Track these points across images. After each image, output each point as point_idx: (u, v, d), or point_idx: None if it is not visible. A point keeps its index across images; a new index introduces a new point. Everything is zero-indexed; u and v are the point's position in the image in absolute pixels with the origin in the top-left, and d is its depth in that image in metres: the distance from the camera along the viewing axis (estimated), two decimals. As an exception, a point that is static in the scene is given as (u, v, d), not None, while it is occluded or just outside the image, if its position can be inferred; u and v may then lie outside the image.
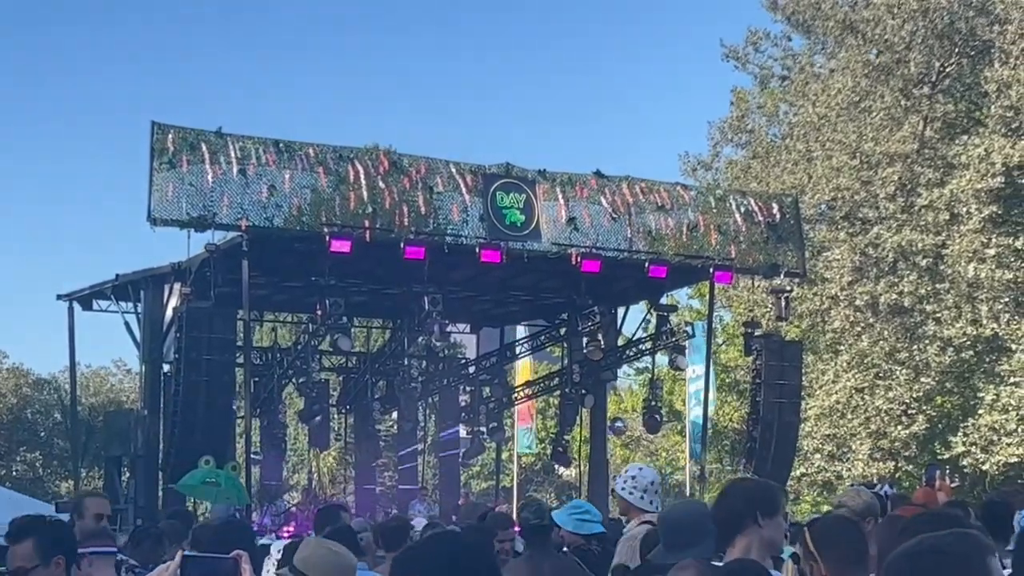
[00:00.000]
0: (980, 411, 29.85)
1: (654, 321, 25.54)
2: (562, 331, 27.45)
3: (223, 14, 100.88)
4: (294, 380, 28.05)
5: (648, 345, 26.31)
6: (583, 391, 25.61)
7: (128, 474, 23.42)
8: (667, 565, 4.93)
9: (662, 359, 27.47)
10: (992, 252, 28.75)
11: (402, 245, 19.55)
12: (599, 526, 8.13)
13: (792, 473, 27.00)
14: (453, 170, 20.49)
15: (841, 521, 5.25)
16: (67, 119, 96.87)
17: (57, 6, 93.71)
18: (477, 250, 20.24)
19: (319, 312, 20.75)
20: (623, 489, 7.15)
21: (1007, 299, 29.35)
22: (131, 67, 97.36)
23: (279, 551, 6.34)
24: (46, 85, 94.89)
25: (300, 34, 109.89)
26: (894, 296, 29.82)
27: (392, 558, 6.99)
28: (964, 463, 30.07)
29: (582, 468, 30.12)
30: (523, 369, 33.81)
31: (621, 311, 27.23)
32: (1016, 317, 29.45)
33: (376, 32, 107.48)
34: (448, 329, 23.97)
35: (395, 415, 31.26)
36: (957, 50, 31.43)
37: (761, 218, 23.06)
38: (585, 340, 23.16)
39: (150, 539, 9.00)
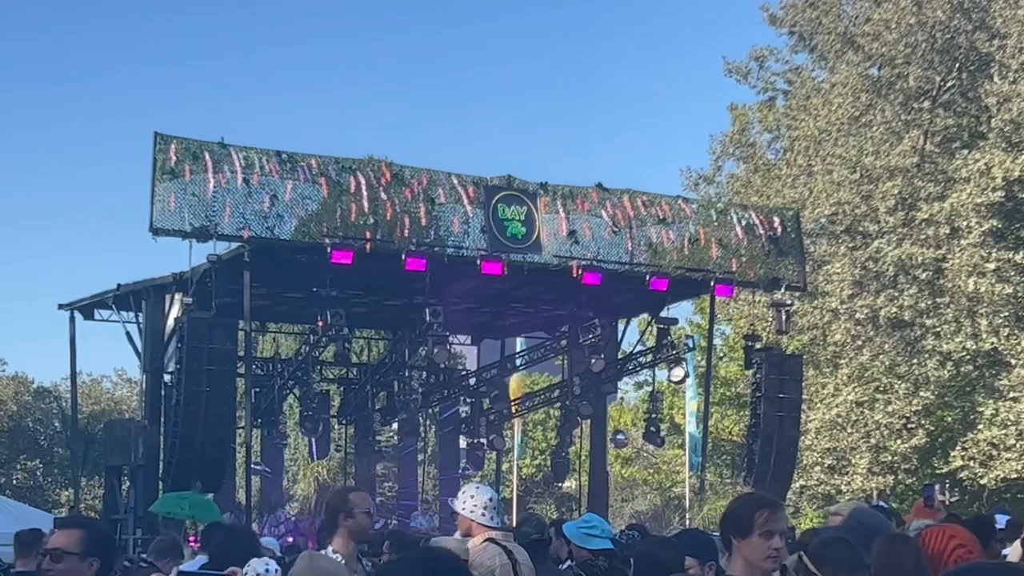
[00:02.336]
0: (979, 426, 29.84)
1: (654, 334, 25.50)
2: (563, 343, 27.46)
3: (226, 23, 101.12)
4: (295, 391, 28.10)
5: (649, 358, 26.31)
6: (584, 403, 25.59)
7: (128, 484, 23.42)
8: None
9: (662, 373, 27.47)
10: (992, 266, 28.77)
11: (403, 257, 19.58)
12: (606, 542, 8.13)
13: (792, 486, 26.99)
14: (455, 182, 20.52)
15: (833, 540, 5.43)
16: (69, 128, 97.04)
17: (59, 14, 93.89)
18: (478, 262, 20.26)
19: (320, 323, 20.75)
20: (463, 508, 7.17)
21: (1007, 313, 29.36)
22: (134, 75, 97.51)
23: None
24: (49, 93, 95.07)
25: (303, 43, 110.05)
26: (894, 310, 29.83)
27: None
28: (962, 477, 30.06)
29: (582, 481, 30.12)
30: (515, 383, 33.71)
31: (622, 324, 27.26)
32: (1016, 332, 29.45)
33: (380, 43, 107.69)
34: (449, 341, 23.96)
35: (395, 426, 31.27)
36: (957, 64, 31.49)
37: (762, 231, 23.08)
38: (587, 351, 23.18)
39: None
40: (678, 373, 24.97)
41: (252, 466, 24.38)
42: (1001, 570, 2.96)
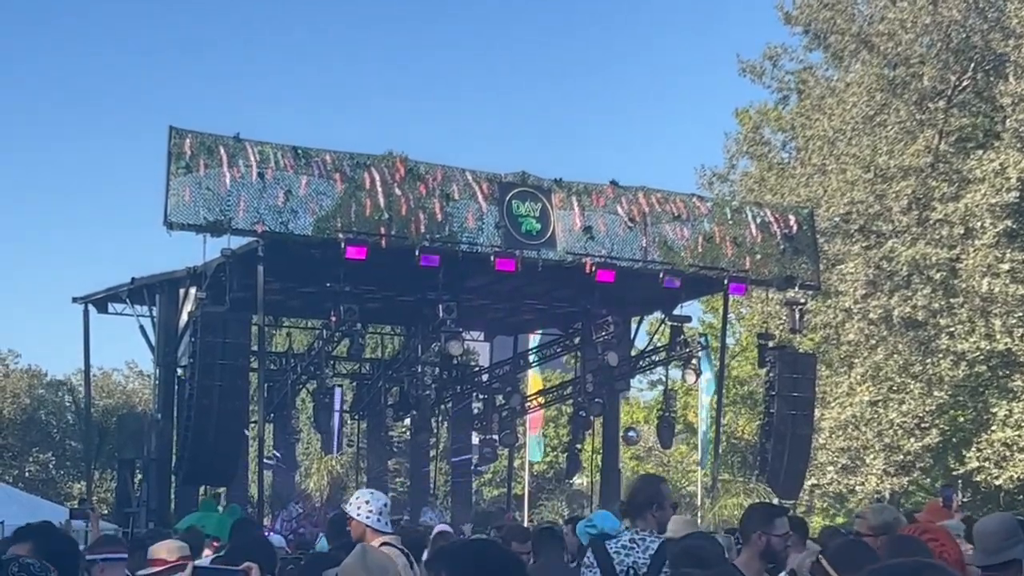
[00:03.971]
0: (993, 426, 29.78)
1: (668, 332, 25.48)
2: (576, 340, 27.45)
3: (242, 17, 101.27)
4: (308, 386, 28.12)
5: (662, 356, 26.28)
6: (596, 400, 25.58)
7: (141, 477, 23.50)
8: None
9: (676, 371, 27.43)
10: (1006, 267, 28.69)
11: (417, 252, 19.59)
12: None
13: (804, 485, 26.96)
14: (469, 178, 20.51)
15: (852, 543, 5.56)
16: (84, 122, 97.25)
17: (77, 7, 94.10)
18: (492, 258, 20.25)
19: (333, 318, 20.76)
20: (358, 514, 7.26)
21: (1021, 314, 29.26)
22: (150, 69, 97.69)
23: None
24: (65, 87, 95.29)
25: (316, 39, 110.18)
26: (908, 310, 29.76)
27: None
28: (978, 478, 29.99)
29: (594, 477, 30.11)
30: (533, 379, 33.78)
31: (635, 322, 27.21)
32: (1030, 332, 29.37)
33: (394, 39, 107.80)
34: (462, 337, 23.97)
35: (408, 422, 31.31)
36: (972, 64, 31.38)
37: (777, 230, 23.05)
38: (600, 348, 23.19)
39: (143, 549, 9.00)
40: (691, 376, 24.95)
41: (264, 460, 24.44)
42: (923, 567, 2.93)
